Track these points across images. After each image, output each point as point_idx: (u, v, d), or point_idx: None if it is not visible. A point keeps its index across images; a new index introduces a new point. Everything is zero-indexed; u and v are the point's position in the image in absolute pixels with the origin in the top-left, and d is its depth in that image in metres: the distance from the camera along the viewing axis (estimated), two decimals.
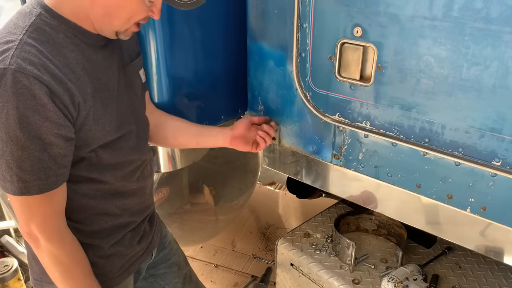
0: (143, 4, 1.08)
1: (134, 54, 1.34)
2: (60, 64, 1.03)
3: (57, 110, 1.01)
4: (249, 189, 3.00)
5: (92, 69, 1.12)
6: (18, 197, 1.05)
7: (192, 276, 1.76)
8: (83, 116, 1.09)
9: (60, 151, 1.05)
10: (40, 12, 1.05)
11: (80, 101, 1.07)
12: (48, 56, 1.01)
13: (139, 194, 1.37)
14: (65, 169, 1.09)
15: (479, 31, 1.12)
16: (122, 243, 1.33)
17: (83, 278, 1.20)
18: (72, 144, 1.09)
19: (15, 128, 0.97)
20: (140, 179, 1.35)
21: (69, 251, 1.16)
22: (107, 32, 1.12)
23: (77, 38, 1.09)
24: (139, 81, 1.35)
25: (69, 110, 1.04)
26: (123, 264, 1.35)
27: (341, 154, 1.57)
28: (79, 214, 1.22)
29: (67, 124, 1.04)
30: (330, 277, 1.77)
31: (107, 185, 1.24)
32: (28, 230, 1.10)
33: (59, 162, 1.06)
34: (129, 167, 1.29)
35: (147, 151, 1.39)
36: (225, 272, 2.92)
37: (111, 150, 1.21)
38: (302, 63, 1.54)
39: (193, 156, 1.80)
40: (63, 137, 1.04)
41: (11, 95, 0.95)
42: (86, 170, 1.18)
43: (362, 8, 1.32)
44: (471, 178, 1.26)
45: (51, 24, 1.05)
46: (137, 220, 1.39)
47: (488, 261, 1.82)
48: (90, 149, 1.15)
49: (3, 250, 3.05)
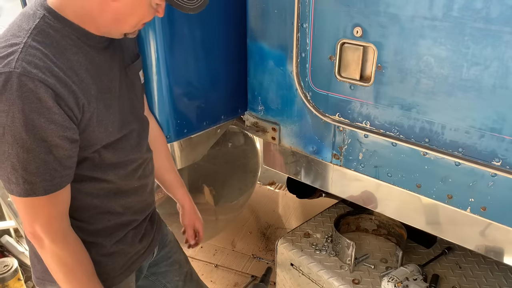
0: (151, 8, 1.10)
1: (134, 55, 1.36)
2: (64, 67, 1.04)
3: (62, 113, 1.01)
4: (249, 189, 3.00)
5: (95, 71, 1.13)
6: (23, 199, 1.05)
7: (193, 274, 1.78)
8: (87, 118, 1.10)
9: (65, 153, 1.06)
10: (43, 14, 1.05)
11: (84, 103, 1.08)
12: (52, 59, 1.02)
13: (141, 192, 1.38)
14: (70, 170, 1.10)
15: (479, 31, 1.12)
16: (125, 241, 1.35)
17: (86, 279, 1.20)
18: (77, 146, 1.09)
19: (20, 131, 0.98)
20: (141, 178, 1.36)
21: (73, 252, 1.17)
22: (115, 35, 1.14)
23: (80, 41, 1.10)
24: (139, 82, 1.37)
25: (74, 113, 1.05)
26: (125, 262, 1.37)
27: (341, 154, 1.57)
28: (82, 213, 1.23)
29: (72, 126, 1.05)
30: (330, 277, 1.77)
31: (110, 184, 1.25)
32: (32, 230, 1.10)
33: (64, 163, 1.07)
34: (131, 165, 1.30)
35: (148, 150, 1.41)
36: (225, 272, 2.92)
37: (113, 149, 1.22)
38: (302, 63, 1.54)
39: (193, 156, 1.80)
40: (68, 139, 1.05)
41: (17, 98, 0.96)
42: (90, 170, 1.19)
43: (362, 8, 1.32)
44: (471, 178, 1.26)
45: (55, 26, 1.06)
46: (139, 218, 1.40)
47: (488, 261, 1.82)
48: (93, 150, 1.16)
49: (3, 250, 3.05)
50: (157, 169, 1.58)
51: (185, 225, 1.72)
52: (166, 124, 1.60)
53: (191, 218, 1.71)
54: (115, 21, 1.09)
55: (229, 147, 2.68)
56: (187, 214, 1.71)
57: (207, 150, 1.85)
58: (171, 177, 1.65)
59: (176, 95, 1.59)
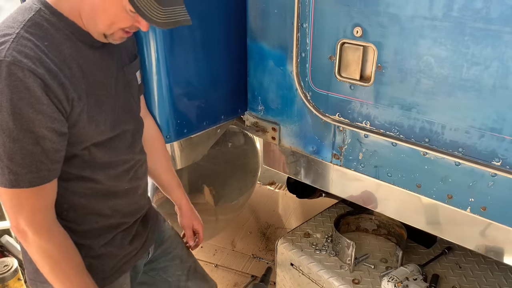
0: (125, 13, 1.07)
1: (132, 55, 1.35)
2: (56, 59, 1.04)
3: (50, 104, 1.01)
4: (249, 189, 3.00)
5: (88, 67, 1.12)
6: (8, 190, 1.04)
7: (197, 268, 1.76)
8: (77, 113, 1.09)
9: (52, 146, 1.05)
10: (39, 8, 1.06)
11: (74, 97, 1.07)
12: (44, 51, 1.02)
13: (131, 194, 1.36)
14: (57, 164, 1.09)
15: (479, 31, 1.12)
16: (113, 243, 1.33)
17: (74, 273, 1.17)
18: (65, 139, 1.08)
19: (8, 120, 0.97)
20: (133, 180, 1.34)
21: (59, 245, 1.14)
22: (94, 33, 1.12)
23: (74, 36, 1.10)
24: (136, 83, 1.36)
25: (62, 105, 1.04)
26: (115, 264, 1.35)
27: (341, 154, 1.57)
28: (69, 213, 1.22)
29: (60, 118, 1.04)
30: (330, 277, 1.77)
31: (99, 184, 1.23)
32: (16, 224, 1.09)
33: (51, 156, 1.06)
34: (122, 166, 1.28)
35: (141, 151, 1.39)
36: (225, 272, 2.91)
37: (105, 148, 1.21)
38: (302, 63, 1.54)
39: (193, 156, 1.80)
40: (56, 131, 1.04)
41: (5, 87, 0.96)
42: (78, 168, 1.17)
43: (362, 8, 1.32)
44: (471, 178, 1.26)
45: (50, 20, 1.06)
46: (129, 221, 1.38)
47: (488, 261, 1.82)
48: (83, 147, 1.15)
49: (3, 250, 3.05)
50: (154, 170, 1.57)
51: (184, 226, 1.71)
52: (166, 124, 1.60)
53: (189, 219, 1.70)
54: (91, 15, 1.08)
55: (229, 147, 2.67)
56: (184, 215, 1.69)
57: (207, 150, 1.85)
58: (168, 178, 1.63)
59: (176, 95, 1.59)
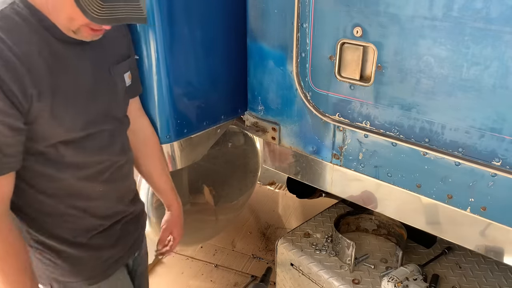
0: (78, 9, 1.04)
1: (121, 56, 1.31)
2: (20, 53, 1.02)
3: (3, 97, 0.99)
4: (249, 189, 3.00)
5: (57, 64, 1.10)
6: None
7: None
8: (37, 109, 1.07)
9: (5, 140, 1.03)
10: (14, 1, 1.05)
11: (33, 93, 1.04)
12: (7, 43, 1.00)
13: (107, 198, 1.31)
14: (11, 158, 1.07)
15: (479, 31, 1.12)
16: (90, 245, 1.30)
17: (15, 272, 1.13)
18: (19, 134, 1.06)
19: None
20: (108, 182, 1.29)
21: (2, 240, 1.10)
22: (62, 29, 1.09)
23: (47, 31, 1.08)
24: (122, 84, 1.32)
25: (18, 99, 1.02)
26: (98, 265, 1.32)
27: (341, 154, 1.57)
28: (39, 213, 1.20)
29: (13, 112, 1.02)
30: (330, 277, 1.77)
31: (66, 184, 1.20)
32: None
33: (4, 150, 1.04)
34: (94, 167, 1.25)
35: (122, 153, 1.34)
36: (225, 272, 2.91)
37: (75, 148, 1.18)
38: (302, 63, 1.54)
39: (193, 156, 1.79)
40: (8, 126, 1.02)
41: None
42: (42, 165, 1.15)
43: (362, 8, 1.32)
44: (471, 178, 1.26)
45: (22, 13, 1.04)
46: (105, 223, 1.33)
47: (488, 261, 1.82)
48: (48, 144, 1.13)
49: None
50: (147, 171, 1.54)
51: (163, 228, 1.64)
52: (166, 124, 1.60)
53: (172, 224, 1.65)
54: (53, 9, 1.06)
55: (229, 147, 2.67)
56: (170, 219, 1.65)
57: (207, 150, 1.85)
58: (162, 180, 1.59)
59: (176, 95, 1.59)
